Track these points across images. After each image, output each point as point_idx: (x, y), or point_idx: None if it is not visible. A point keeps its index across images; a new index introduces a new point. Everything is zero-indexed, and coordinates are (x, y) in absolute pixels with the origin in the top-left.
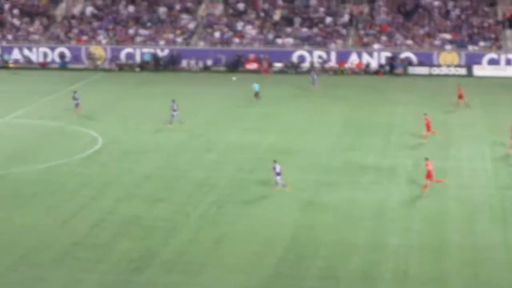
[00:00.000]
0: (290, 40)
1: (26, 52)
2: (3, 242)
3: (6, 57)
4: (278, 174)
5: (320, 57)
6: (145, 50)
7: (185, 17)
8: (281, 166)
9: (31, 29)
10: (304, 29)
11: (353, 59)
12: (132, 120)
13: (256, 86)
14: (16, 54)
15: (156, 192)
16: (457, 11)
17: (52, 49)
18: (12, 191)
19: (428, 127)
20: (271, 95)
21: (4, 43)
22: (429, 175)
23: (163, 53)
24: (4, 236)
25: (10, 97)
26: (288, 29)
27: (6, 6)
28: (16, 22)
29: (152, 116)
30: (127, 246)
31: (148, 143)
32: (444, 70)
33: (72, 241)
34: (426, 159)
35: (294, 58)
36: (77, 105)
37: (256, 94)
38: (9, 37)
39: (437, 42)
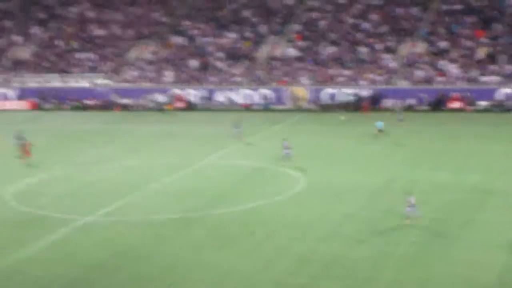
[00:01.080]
0: (494, 78)
1: (229, 94)
2: (206, 285)
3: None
4: (411, 206)
5: None
6: (346, 90)
7: (386, 56)
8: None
9: (234, 71)
10: (509, 66)
11: None
12: (334, 160)
13: (378, 125)
14: (219, 96)
15: (357, 232)
16: None
17: (255, 90)
18: (213, 232)
19: None
20: (473, 133)
21: (208, 86)
22: None
23: (364, 93)
24: (206, 279)
25: (213, 138)
26: (492, 67)
27: (210, 49)
28: (220, 64)
29: (354, 156)
30: (329, 286)
31: (349, 183)
32: None
33: (274, 282)
34: None
35: (499, 96)
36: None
37: (379, 132)
38: (213, 79)
39: None
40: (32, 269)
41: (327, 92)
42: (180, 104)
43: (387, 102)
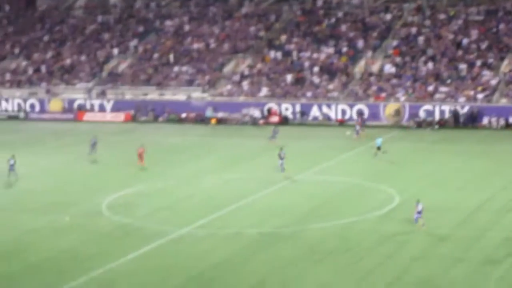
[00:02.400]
0: None
1: (325, 109)
2: None
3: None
4: (419, 213)
5: None
6: (445, 107)
7: (486, 73)
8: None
9: (330, 86)
10: None
11: None
12: (430, 178)
13: (378, 141)
14: (315, 111)
15: (453, 251)
16: None
17: (351, 106)
18: (308, 247)
19: None
20: None
21: (303, 100)
22: None
23: (463, 110)
24: None
25: (308, 153)
26: None
27: (306, 64)
28: (316, 79)
29: (450, 174)
30: None
31: (446, 201)
32: None
33: None
34: None
35: None
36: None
37: (378, 148)
38: (309, 94)
39: None
40: (127, 279)
41: (425, 108)
42: (274, 119)
43: (485, 120)
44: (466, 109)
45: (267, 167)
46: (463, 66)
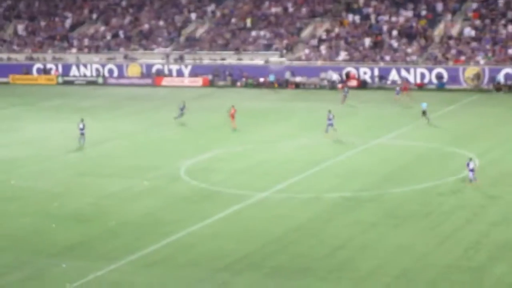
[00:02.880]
0: None
1: (403, 73)
2: (379, 262)
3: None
4: (471, 170)
5: None
6: None
7: None
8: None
9: (409, 50)
10: None
11: None
12: (510, 142)
13: (423, 105)
14: (393, 75)
15: None
16: None
17: (430, 70)
18: (388, 211)
19: None
20: None
21: (381, 64)
22: None
23: None
24: (379, 256)
25: (386, 118)
26: None
27: (385, 28)
28: (394, 43)
29: None
30: (502, 270)
31: None
32: None
33: (446, 264)
34: None
35: None
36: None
37: (423, 113)
38: (387, 58)
39: None
40: (206, 243)
41: (505, 72)
42: (353, 83)
43: None
44: None
45: (345, 131)
46: None
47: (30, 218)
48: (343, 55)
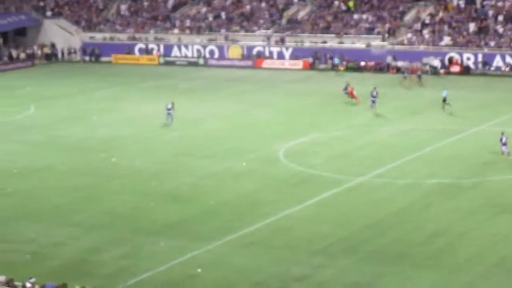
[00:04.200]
0: None
1: (508, 59)
2: (477, 249)
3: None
4: (504, 144)
5: None
6: None
7: None
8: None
9: None
10: None
11: None
12: None
13: (444, 93)
14: (498, 61)
15: None
16: None
17: None
18: (487, 199)
19: None
20: None
21: (486, 50)
22: None
23: None
24: (477, 245)
25: (488, 105)
26: None
27: (490, 13)
28: (500, 28)
29: None
30: None
31: None
32: None
33: None
34: None
35: None
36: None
37: (444, 100)
38: (492, 43)
39: None
40: (302, 226)
41: None
42: (455, 69)
43: None
44: None
45: (444, 118)
46: None
47: (129, 196)
48: (446, 40)
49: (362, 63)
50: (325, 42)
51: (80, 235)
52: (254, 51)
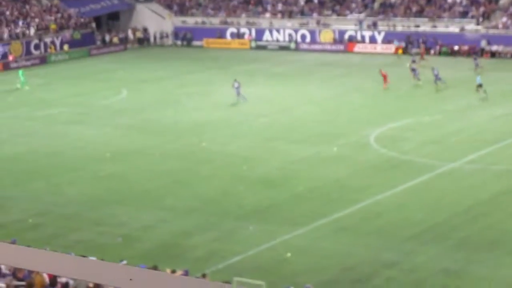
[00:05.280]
0: None
1: None
2: None
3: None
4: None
5: None
6: None
7: None
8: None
9: None
10: None
11: None
12: None
13: (478, 79)
14: None
15: None
16: None
17: None
18: None
19: None
20: None
21: None
22: None
23: None
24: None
25: None
26: None
27: None
28: None
29: None
30: None
31: None
32: None
33: None
34: None
35: None
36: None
37: (480, 86)
38: None
39: None
40: (392, 213)
41: None
42: None
43: None
44: None
45: None
46: None
47: (219, 181)
48: None
49: (456, 48)
50: (418, 26)
51: (171, 218)
52: (346, 35)
